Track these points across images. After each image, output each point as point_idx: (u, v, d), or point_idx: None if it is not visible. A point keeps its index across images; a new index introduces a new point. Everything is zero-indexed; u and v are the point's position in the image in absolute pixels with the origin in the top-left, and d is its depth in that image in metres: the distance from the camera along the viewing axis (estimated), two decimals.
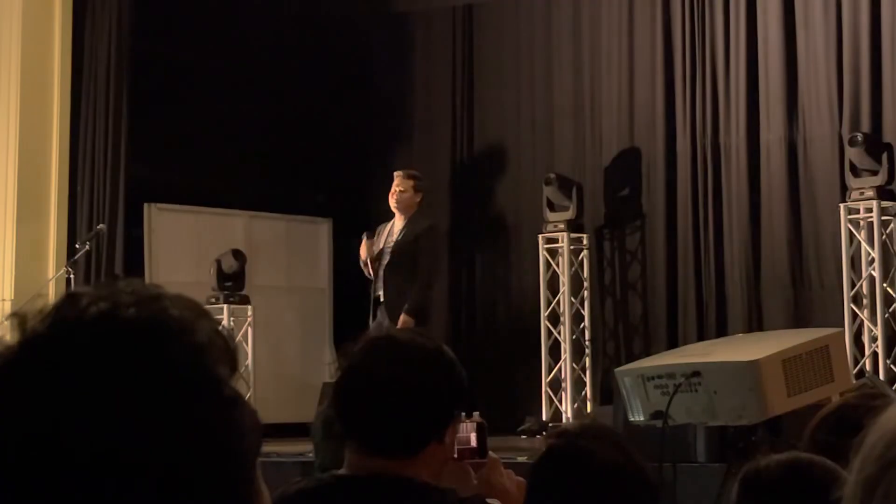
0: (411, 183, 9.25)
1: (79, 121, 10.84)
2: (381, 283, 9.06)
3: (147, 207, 10.96)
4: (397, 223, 9.23)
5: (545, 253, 10.45)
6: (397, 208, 9.21)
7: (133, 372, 0.95)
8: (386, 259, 9.11)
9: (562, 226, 10.39)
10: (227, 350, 1.01)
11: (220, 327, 1.03)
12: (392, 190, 9.23)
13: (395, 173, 9.39)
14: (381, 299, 9.04)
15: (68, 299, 0.99)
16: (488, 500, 2.53)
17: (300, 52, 11.70)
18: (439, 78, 11.80)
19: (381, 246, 9.15)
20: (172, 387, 0.96)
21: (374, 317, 9.02)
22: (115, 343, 0.96)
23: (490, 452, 2.83)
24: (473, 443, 2.79)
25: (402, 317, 8.77)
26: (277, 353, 11.02)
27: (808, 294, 9.75)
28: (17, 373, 0.95)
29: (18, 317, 0.98)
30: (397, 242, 9.08)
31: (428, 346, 2.52)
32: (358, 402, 2.47)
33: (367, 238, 9.17)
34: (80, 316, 0.97)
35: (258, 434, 1.02)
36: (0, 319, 1.01)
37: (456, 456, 2.62)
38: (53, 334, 0.97)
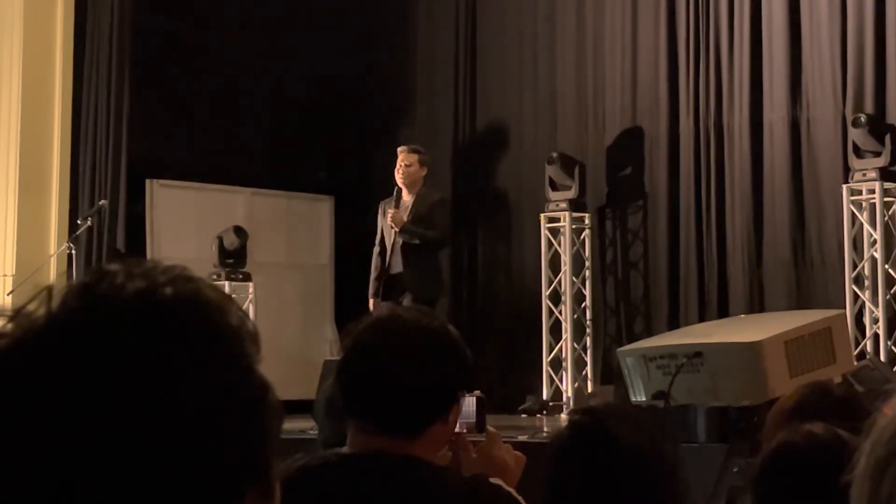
0: (416, 157, 9.35)
1: (81, 96, 10.82)
2: (397, 260, 9.16)
3: (149, 183, 10.95)
4: (405, 199, 9.30)
5: (547, 232, 10.44)
6: (404, 183, 9.31)
7: (174, 349, 0.95)
8: (405, 237, 9.17)
9: (564, 205, 10.38)
10: (254, 335, 1.01)
11: (244, 312, 1.03)
12: (397, 165, 9.32)
13: (399, 149, 9.46)
14: (399, 275, 9.15)
15: (100, 275, 0.98)
16: (491, 479, 2.53)
17: (302, 28, 11.67)
18: (442, 55, 11.77)
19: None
20: (212, 366, 0.96)
21: (384, 295, 9.08)
22: (156, 320, 0.96)
23: (489, 427, 2.83)
24: (472, 417, 2.79)
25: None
26: (279, 329, 11.02)
27: (810, 275, 9.73)
28: (52, 346, 0.94)
29: (47, 291, 0.97)
30: (411, 219, 9.18)
31: (433, 326, 2.52)
32: (362, 382, 2.47)
33: (392, 207, 9.24)
34: (116, 292, 0.96)
35: (280, 418, 1.02)
36: (2, 293, 1.00)
37: (455, 430, 2.62)
38: (91, 310, 0.96)
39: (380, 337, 2.48)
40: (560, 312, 10.37)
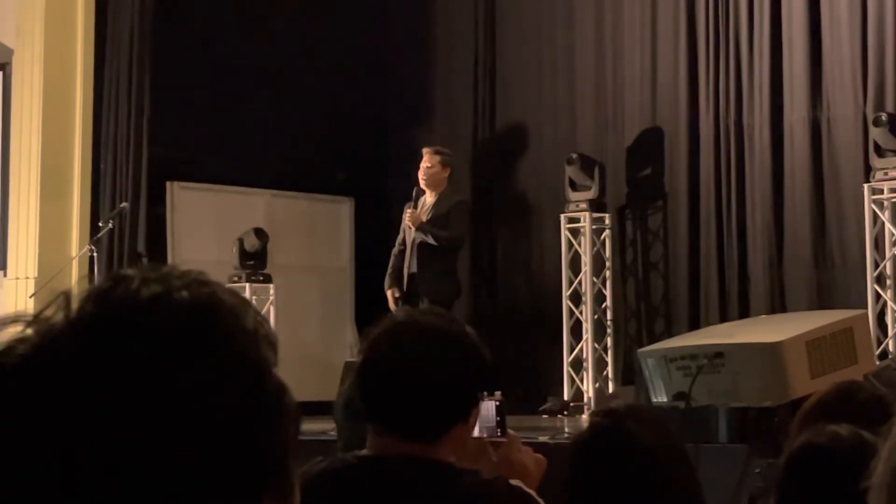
0: (438, 158, 9.45)
1: (102, 99, 10.86)
2: (414, 260, 9.23)
3: (170, 186, 10.98)
4: (428, 200, 9.39)
5: (567, 233, 10.43)
6: (426, 185, 9.40)
7: (189, 353, 0.95)
8: (419, 236, 9.25)
9: (584, 205, 10.36)
10: (271, 338, 1.01)
11: (262, 316, 1.03)
12: (420, 167, 9.39)
13: (424, 150, 9.58)
14: (415, 276, 9.21)
15: (117, 280, 0.99)
16: (511, 481, 2.53)
17: (321, 30, 11.68)
18: (461, 56, 11.77)
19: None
20: (227, 370, 0.96)
21: (405, 296, 9.18)
22: (171, 324, 0.96)
23: (509, 430, 2.82)
24: (493, 421, 2.78)
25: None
26: (299, 331, 11.03)
27: (831, 275, 9.70)
28: (70, 352, 0.95)
29: (64, 296, 0.98)
30: (430, 219, 9.22)
31: (451, 329, 2.51)
32: (382, 387, 2.46)
33: (412, 207, 9.29)
34: (132, 297, 0.97)
35: (298, 422, 1.02)
36: (25, 297, 1.01)
37: (476, 434, 2.61)
38: (106, 314, 0.96)
39: (397, 343, 2.47)
40: (580, 313, 10.36)
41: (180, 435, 0.93)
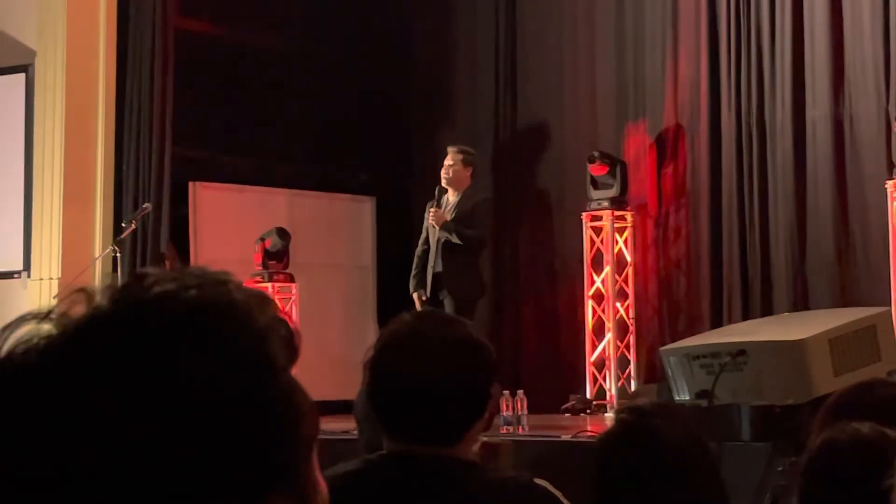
0: (460, 157, 9.50)
1: (124, 100, 10.89)
2: (439, 260, 9.25)
3: (192, 186, 11.01)
4: (451, 198, 9.42)
5: (589, 231, 10.42)
6: (448, 183, 9.44)
7: (185, 350, 0.95)
8: (444, 235, 9.28)
9: (605, 203, 10.36)
10: (289, 339, 1.01)
11: (284, 318, 1.02)
12: (443, 165, 9.45)
13: (447, 148, 9.64)
14: (440, 275, 9.23)
15: (135, 278, 1.00)
16: (536, 480, 2.53)
17: (343, 29, 11.70)
18: (482, 55, 11.76)
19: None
20: (225, 367, 0.96)
21: (430, 293, 9.22)
22: (171, 321, 0.97)
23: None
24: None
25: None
26: (322, 330, 11.05)
27: (854, 272, 9.67)
28: (77, 347, 0.96)
29: (86, 293, 0.99)
30: (454, 218, 9.25)
31: (455, 334, 2.48)
32: (394, 405, 2.45)
33: (434, 206, 9.36)
34: (142, 294, 0.98)
35: (314, 422, 1.01)
36: (49, 298, 1.02)
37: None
38: (116, 311, 0.98)
39: (404, 358, 2.44)
40: (603, 311, 10.35)
41: (170, 430, 0.93)
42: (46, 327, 0.97)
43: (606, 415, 9.53)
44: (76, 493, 0.93)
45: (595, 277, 10.39)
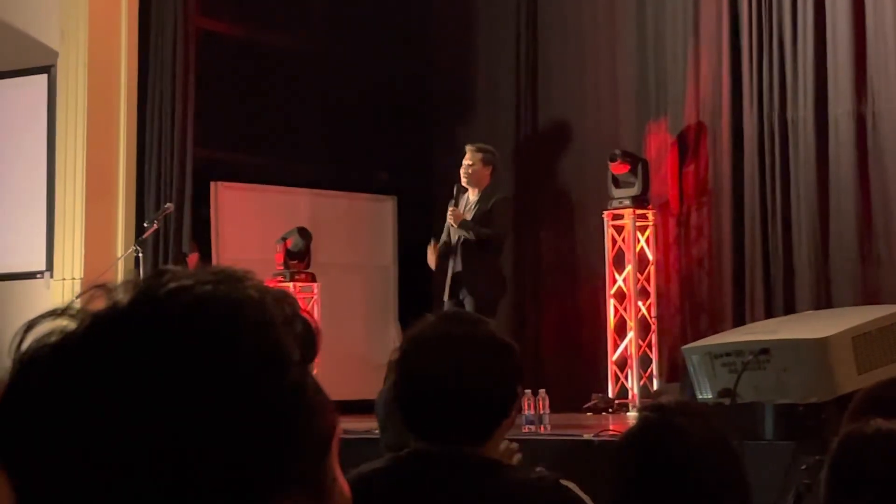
0: (479, 156, 9.45)
1: (146, 100, 10.93)
2: (459, 259, 9.22)
3: (213, 186, 11.03)
4: (471, 197, 9.40)
5: (611, 229, 10.41)
6: (468, 182, 9.41)
7: (191, 346, 0.95)
8: (461, 234, 9.26)
9: (627, 202, 10.34)
10: (306, 337, 1.00)
11: (305, 315, 1.02)
12: (462, 164, 9.42)
13: (466, 147, 9.59)
14: (460, 275, 9.21)
15: (154, 274, 1.00)
16: (561, 480, 2.53)
17: (363, 28, 11.71)
18: (503, 53, 11.76)
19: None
20: (229, 362, 0.96)
21: (452, 293, 9.19)
22: (182, 317, 0.97)
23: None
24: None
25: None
26: (343, 330, 11.06)
27: (877, 270, 9.62)
28: (91, 341, 0.97)
29: (106, 289, 0.99)
30: (473, 217, 9.23)
31: (478, 335, 2.48)
32: (420, 405, 2.45)
33: (453, 205, 9.31)
34: (159, 289, 0.98)
35: (330, 421, 1.01)
36: (72, 298, 1.03)
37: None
38: (131, 306, 0.98)
39: (429, 362, 2.45)
40: (625, 310, 10.34)
41: (168, 424, 0.93)
42: (64, 323, 0.98)
43: (629, 414, 9.52)
44: (86, 486, 0.93)
45: (617, 276, 10.38)
